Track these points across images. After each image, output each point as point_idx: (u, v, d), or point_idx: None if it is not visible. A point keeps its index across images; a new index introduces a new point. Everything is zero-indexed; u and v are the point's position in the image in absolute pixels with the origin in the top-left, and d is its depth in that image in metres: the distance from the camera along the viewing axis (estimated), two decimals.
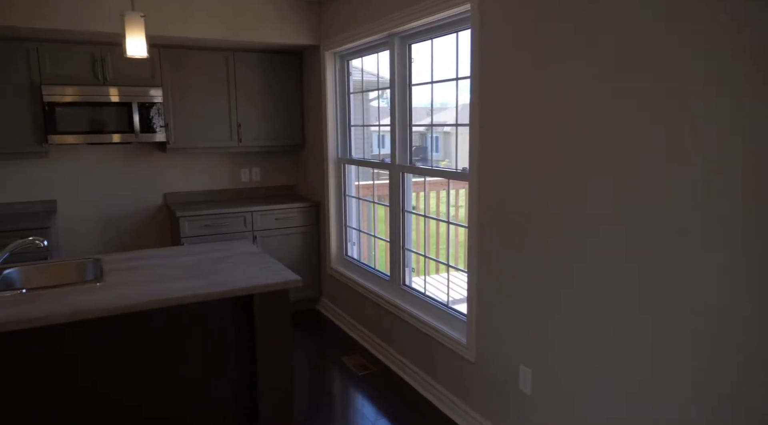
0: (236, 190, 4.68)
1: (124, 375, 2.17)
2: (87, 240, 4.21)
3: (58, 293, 2.05)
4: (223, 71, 4.18)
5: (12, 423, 2.02)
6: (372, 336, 3.69)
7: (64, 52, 3.68)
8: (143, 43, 2.26)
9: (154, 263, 2.47)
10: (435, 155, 5.79)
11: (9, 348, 1.98)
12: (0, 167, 3.92)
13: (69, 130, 3.69)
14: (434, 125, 3.19)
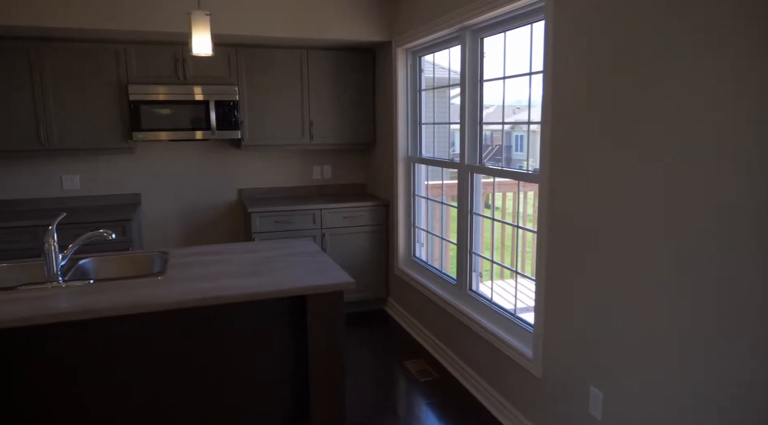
0: (308, 187, 4.72)
1: (177, 371, 2.21)
2: (166, 232, 4.41)
3: (121, 285, 2.11)
4: (296, 69, 4.22)
5: (66, 409, 2.11)
6: (436, 341, 3.57)
7: (149, 52, 3.85)
8: (209, 41, 2.29)
9: (216, 259, 2.50)
10: (518, 154, 5.55)
11: (70, 335, 2.07)
12: (91, 162, 4.18)
13: (152, 127, 3.87)
14: (506, 123, 3.01)
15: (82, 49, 3.73)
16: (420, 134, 3.92)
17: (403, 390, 3.17)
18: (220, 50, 4.00)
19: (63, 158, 4.12)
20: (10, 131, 3.68)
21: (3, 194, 4.02)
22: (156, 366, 2.18)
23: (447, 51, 3.44)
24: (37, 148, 3.75)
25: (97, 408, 2.14)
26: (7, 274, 2.43)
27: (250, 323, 2.26)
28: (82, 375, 2.10)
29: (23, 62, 3.64)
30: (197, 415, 2.26)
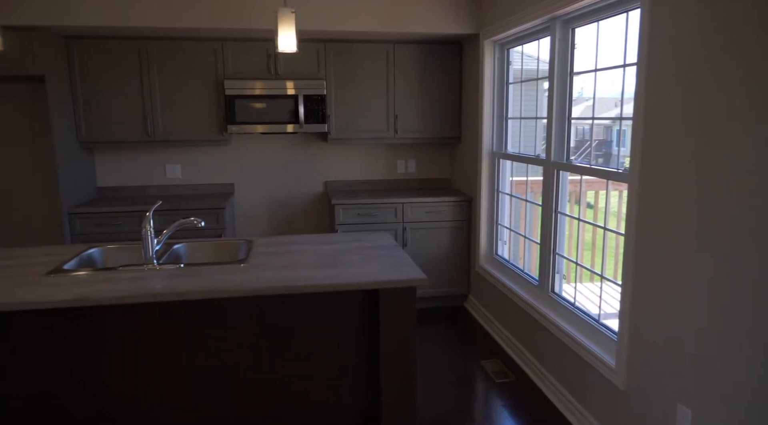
0: (391, 181, 4.75)
1: (247, 360, 2.31)
2: (256, 221, 4.63)
3: (207, 271, 2.24)
4: (383, 63, 4.25)
5: (139, 387, 2.28)
6: (515, 342, 3.47)
7: (243, 49, 4.04)
8: (293, 38, 2.35)
9: (296, 249, 2.58)
10: (621, 150, 5.22)
11: (154, 315, 2.23)
12: (190, 153, 4.47)
13: (245, 120, 4.06)
14: (595, 119, 2.84)
15: (184, 48, 3.99)
16: (506, 128, 3.81)
17: (478, 390, 3.12)
18: (309, 46, 4.11)
19: (166, 149, 4.44)
20: (122, 123, 4.02)
21: (114, 181, 4.41)
22: (227, 353, 2.29)
23: (536, 43, 3.30)
24: (145, 139, 4.07)
25: (168, 389, 2.29)
26: (114, 254, 2.67)
27: (323, 315, 2.31)
28: (157, 355, 2.26)
29: (134, 61, 3.95)
30: (263, 406, 2.36)
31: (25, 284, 2.07)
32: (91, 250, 2.62)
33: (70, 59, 3.88)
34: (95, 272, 2.24)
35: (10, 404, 2.20)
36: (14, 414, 2.22)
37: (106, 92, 3.96)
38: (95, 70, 3.93)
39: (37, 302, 1.90)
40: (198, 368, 2.29)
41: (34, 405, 2.21)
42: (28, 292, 1.98)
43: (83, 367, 2.22)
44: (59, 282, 2.10)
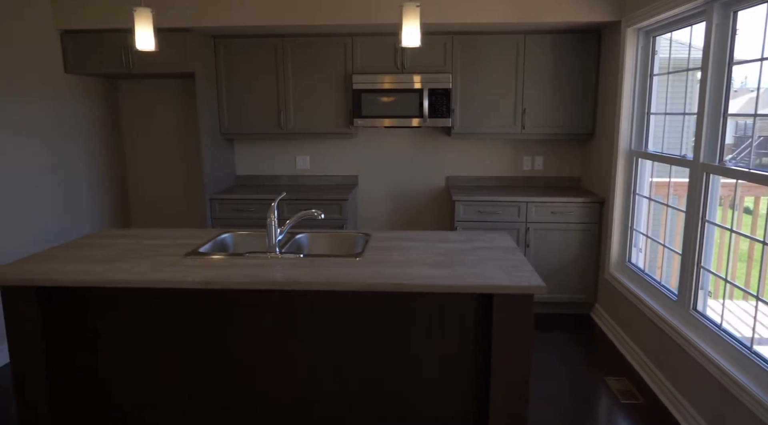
0: (516, 178, 4.56)
1: (353, 356, 2.33)
2: (377, 214, 4.70)
3: (324, 262, 2.30)
4: (512, 55, 4.07)
5: (236, 371, 2.38)
6: (646, 361, 3.16)
7: (371, 44, 4.10)
8: (417, 32, 2.31)
9: (411, 245, 2.56)
10: None
11: (275, 301, 2.33)
12: (319, 145, 4.65)
13: (371, 114, 4.13)
14: (758, 116, 2.46)
15: (316, 44, 4.15)
16: (647, 124, 3.46)
17: (600, 409, 2.88)
18: (436, 39, 4.06)
19: (297, 141, 4.67)
20: (259, 117, 4.29)
21: (250, 170, 4.73)
22: (334, 346, 2.33)
23: (688, 29, 2.94)
24: (277, 131, 4.30)
25: (274, 376, 2.38)
26: (243, 240, 2.85)
27: (432, 315, 2.27)
28: (269, 341, 2.36)
29: (271, 58, 4.19)
30: (367, 403, 2.37)
31: (166, 265, 2.28)
32: (225, 235, 2.82)
33: (217, 57, 4.21)
34: (224, 256, 2.40)
35: (154, 367, 2.44)
36: (149, 375, 2.46)
37: (246, 87, 4.25)
38: (237, 66, 4.22)
39: (172, 282, 2.08)
40: (306, 358, 2.36)
41: (167, 371, 2.44)
42: (166, 272, 2.17)
43: (203, 344, 2.39)
44: (193, 264, 2.28)
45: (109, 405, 2.48)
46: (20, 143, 3.51)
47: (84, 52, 3.90)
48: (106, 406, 2.48)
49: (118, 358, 2.43)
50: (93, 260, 2.35)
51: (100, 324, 2.41)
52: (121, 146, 4.67)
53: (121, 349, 2.42)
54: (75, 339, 2.43)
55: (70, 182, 4.00)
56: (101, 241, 2.71)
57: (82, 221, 4.13)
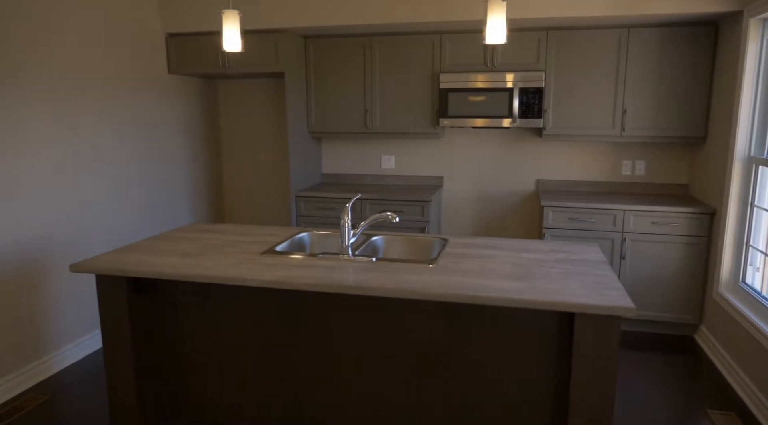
0: (613, 183, 4.23)
1: (426, 364, 2.23)
2: (461, 217, 4.56)
3: (395, 268, 2.23)
4: (612, 51, 3.76)
5: (302, 374, 2.35)
6: (759, 396, 2.79)
7: (461, 41, 3.97)
8: (503, 28, 2.18)
9: (490, 253, 2.43)
10: None
11: (348, 302, 2.29)
12: (404, 145, 4.60)
13: (457, 114, 4.00)
14: None
15: (404, 42, 4.09)
16: None
17: None
18: (528, 35, 3.85)
19: (382, 140, 4.64)
20: (345, 116, 4.31)
21: (336, 168, 4.77)
22: (405, 354, 2.25)
23: None
24: (363, 131, 4.30)
25: (335, 378, 2.34)
26: (320, 240, 2.86)
27: (508, 328, 2.12)
28: (341, 342, 2.32)
29: (359, 57, 4.19)
30: (436, 416, 2.26)
31: (242, 262, 2.32)
32: (302, 234, 2.84)
33: (307, 57, 4.28)
34: (298, 256, 2.41)
35: (218, 359, 2.51)
36: (223, 371, 2.52)
37: (334, 87, 4.28)
38: (326, 66, 4.27)
39: (244, 280, 2.11)
40: (376, 362, 2.30)
41: (242, 366, 2.49)
42: (240, 269, 2.21)
43: (276, 342, 2.41)
44: (267, 262, 2.31)
45: (189, 395, 2.57)
46: (125, 139, 3.77)
47: (186, 54, 4.12)
48: (185, 395, 2.58)
49: (197, 350, 2.52)
50: (177, 254, 2.45)
51: (182, 316, 2.51)
52: (217, 144, 4.90)
53: (200, 342, 2.51)
54: (160, 329, 2.55)
55: (170, 178, 4.24)
56: (187, 235, 2.82)
57: (180, 214, 4.38)
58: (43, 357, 3.20)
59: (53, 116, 3.19)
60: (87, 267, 2.29)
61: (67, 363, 3.35)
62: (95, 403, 2.92)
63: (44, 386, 3.10)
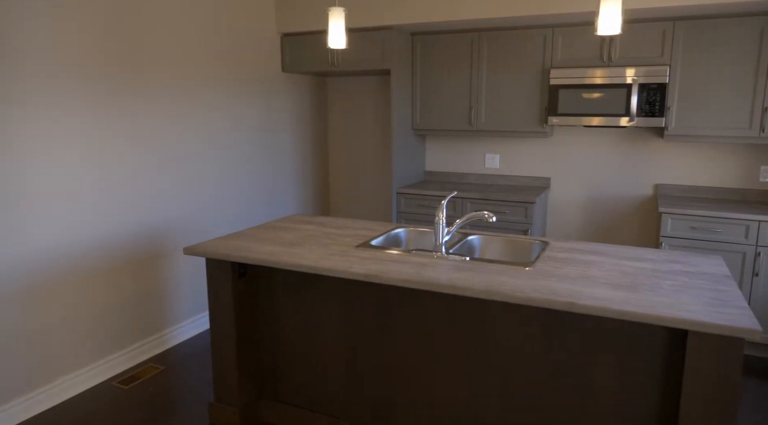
0: (747, 191, 3.78)
1: (517, 369, 2.12)
2: (568, 221, 4.32)
3: (489, 269, 2.15)
4: (753, 42, 3.35)
5: (407, 375, 2.31)
6: None
7: (575, 35, 3.75)
8: (617, 17, 2.01)
9: (593, 260, 2.27)
10: None
11: (430, 301, 2.25)
12: (509, 144, 4.45)
13: (568, 112, 3.79)
14: None
15: (513, 37, 3.94)
16: None
17: None
18: (652, 26, 3.54)
19: (487, 139, 4.52)
20: (450, 113, 4.26)
21: (439, 166, 4.73)
22: (497, 358, 2.16)
23: None
24: (467, 129, 4.22)
25: (423, 374, 2.29)
26: (415, 236, 2.84)
27: (612, 344, 1.96)
28: (430, 344, 2.28)
29: (466, 53, 4.11)
30: (532, 421, 2.15)
31: (336, 253, 2.37)
32: (399, 230, 2.84)
33: (414, 54, 4.28)
34: (392, 251, 2.41)
35: (315, 351, 2.58)
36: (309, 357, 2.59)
37: (439, 84, 4.25)
38: (432, 63, 4.24)
39: (336, 271, 2.15)
40: (465, 362, 2.24)
41: (332, 357, 2.54)
42: (334, 260, 2.25)
43: (366, 334, 2.42)
44: (360, 256, 2.33)
45: (285, 378, 2.68)
46: (238, 135, 4.02)
47: (298, 53, 4.30)
48: (282, 378, 2.69)
49: (291, 337, 2.62)
50: (278, 242, 2.56)
51: (279, 303, 2.62)
52: (325, 139, 5.07)
53: (294, 329, 2.60)
54: (260, 313, 2.69)
55: (277, 171, 4.46)
56: (289, 225, 2.94)
57: (285, 206, 4.59)
58: (163, 331, 3.51)
59: (175, 112, 3.47)
60: (198, 251, 2.46)
61: (182, 338, 3.64)
62: (203, 378, 3.14)
63: (161, 358, 3.39)
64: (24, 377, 2.73)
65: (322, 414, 2.59)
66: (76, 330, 2.96)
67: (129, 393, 2.98)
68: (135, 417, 2.76)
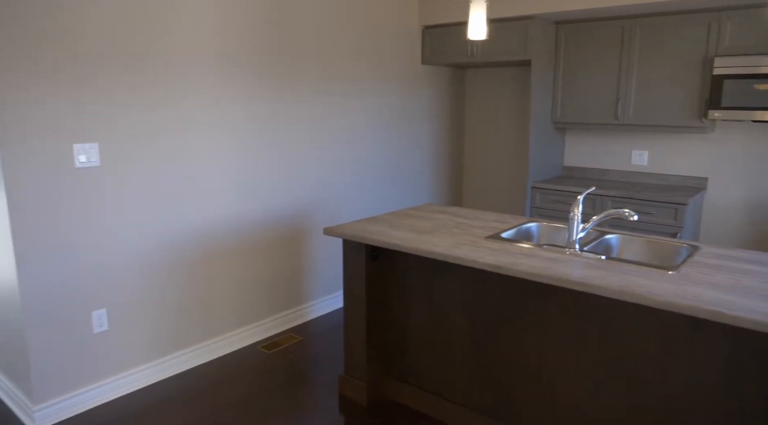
0: None
1: (650, 376, 1.99)
2: (726, 226, 3.90)
3: (624, 269, 2.05)
4: None
5: (530, 367, 2.25)
6: None
7: (747, 18, 3.36)
8: None
9: (752, 269, 2.05)
10: None
11: (558, 298, 2.18)
12: (660, 140, 4.11)
13: (734, 105, 3.42)
14: None
15: (671, 23, 3.63)
16: None
17: None
18: None
19: (634, 133, 4.23)
20: (593, 106, 4.04)
21: (579, 161, 4.52)
22: (627, 364, 2.04)
23: None
24: (612, 122, 3.98)
25: (545, 370, 2.21)
26: (548, 231, 2.78)
27: (750, 355, 1.77)
28: (556, 341, 2.21)
29: (616, 41, 3.87)
30: None
31: (466, 243, 2.40)
32: (530, 224, 2.79)
33: (557, 44, 4.13)
34: (522, 244, 2.38)
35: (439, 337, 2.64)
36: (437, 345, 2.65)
37: (583, 75, 4.05)
38: (576, 53, 4.05)
39: (465, 260, 2.18)
40: (591, 363, 2.16)
41: (456, 344, 2.59)
42: (463, 249, 2.29)
43: (490, 326, 2.43)
44: (490, 247, 2.34)
45: (410, 361, 2.79)
46: (377, 125, 4.19)
47: (438, 45, 4.36)
48: (408, 361, 2.80)
49: (417, 322, 2.71)
50: (411, 229, 2.66)
51: (409, 287, 2.72)
52: (461, 131, 5.09)
53: (421, 314, 2.69)
54: (390, 296, 2.82)
55: (412, 160, 4.58)
56: (422, 213, 3.03)
57: (418, 195, 4.70)
58: (301, 306, 3.81)
59: (319, 103, 3.73)
60: (336, 232, 2.64)
61: (317, 314, 3.92)
62: (336, 353, 3.36)
63: (298, 329, 3.69)
64: (188, 333, 3.15)
65: (445, 400, 2.65)
66: (228, 298, 3.34)
67: (271, 358, 3.29)
68: (276, 379, 3.05)
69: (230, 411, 2.75)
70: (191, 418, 2.68)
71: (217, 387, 2.96)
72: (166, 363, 3.05)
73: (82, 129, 2.56)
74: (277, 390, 2.94)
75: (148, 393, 2.90)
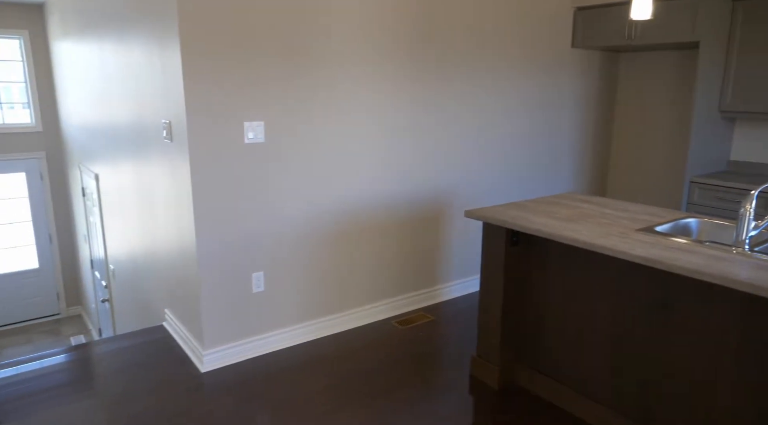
0: None
1: None
2: None
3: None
4: None
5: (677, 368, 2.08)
6: None
7: None
8: None
9: None
10: None
11: (713, 299, 1.99)
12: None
13: None
14: None
15: None
16: None
17: None
18: None
19: None
20: None
21: (750, 156, 4.06)
22: None
23: None
24: None
25: (680, 372, 2.03)
26: (710, 229, 2.55)
27: None
28: (711, 345, 2.03)
29: None
30: None
31: (614, 234, 2.30)
32: (689, 219, 2.59)
33: (733, 23, 3.72)
34: (679, 239, 2.23)
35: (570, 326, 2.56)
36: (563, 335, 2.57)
37: (764, 58, 3.61)
38: (757, 33, 3.62)
39: (615, 251, 2.09)
40: (733, 374, 1.96)
41: (594, 335, 2.49)
42: (612, 240, 2.20)
43: (631, 320, 2.30)
44: (641, 239, 2.22)
45: (544, 350, 2.75)
46: (521, 109, 4.10)
47: (591, 27, 4.15)
48: (542, 349, 2.77)
49: (555, 311, 2.66)
50: (553, 216, 2.60)
51: (547, 275, 2.67)
52: (610, 119, 4.80)
53: (559, 304, 2.63)
54: (527, 283, 2.79)
55: (556, 148, 4.42)
56: (565, 202, 2.94)
57: (560, 183, 4.54)
58: (435, 286, 3.90)
59: (464, 87, 3.74)
60: (477, 215, 2.67)
61: (450, 296, 3.99)
62: (466, 335, 3.41)
63: (432, 309, 3.79)
64: (329, 302, 3.39)
65: (580, 394, 2.58)
66: (365, 272, 3.52)
67: (404, 333, 3.43)
68: (408, 353, 3.17)
69: (361, 377, 2.92)
70: (327, 382, 2.90)
71: (356, 354, 3.16)
72: (308, 328, 3.32)
73: (252, 109, 2.85)
74: (409, 364, 3.06)
75: (291, 353, 3.18)
